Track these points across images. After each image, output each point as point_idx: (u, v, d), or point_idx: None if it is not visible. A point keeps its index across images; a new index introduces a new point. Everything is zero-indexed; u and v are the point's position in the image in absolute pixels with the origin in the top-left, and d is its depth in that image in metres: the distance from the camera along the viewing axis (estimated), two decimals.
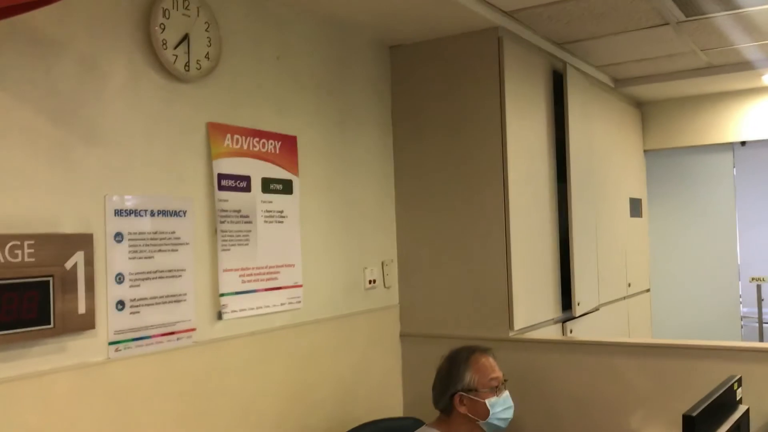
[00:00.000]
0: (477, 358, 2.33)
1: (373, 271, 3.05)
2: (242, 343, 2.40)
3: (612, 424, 2.72)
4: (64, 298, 1.82)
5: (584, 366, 2.80)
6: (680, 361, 2.63)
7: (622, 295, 4.20)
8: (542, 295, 3.22)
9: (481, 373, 2.29)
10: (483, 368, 2.30)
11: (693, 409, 1.70)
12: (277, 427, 2.52)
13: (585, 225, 3.53)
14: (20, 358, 1.77)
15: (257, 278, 2.46)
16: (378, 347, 3.07)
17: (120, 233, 2.01)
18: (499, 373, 2.32)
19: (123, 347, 2.01)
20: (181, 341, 2.18)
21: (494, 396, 2.27)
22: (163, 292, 2.13)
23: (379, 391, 3.05)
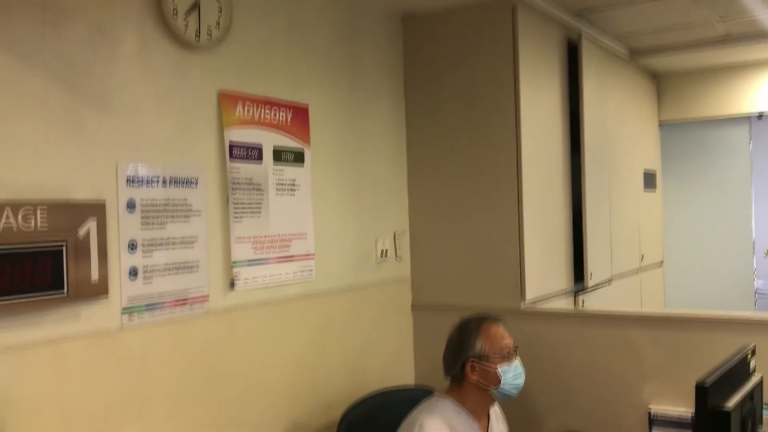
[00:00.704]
0: (488, 326, 2.32)
1: (385, 243, 3.05)
2: (254, 312, 2.41)
3: (624, 396, 2.72)
4: (78, 266, 1.83)
5: (596, 337, 2.79)
6: (693, 333, 2.62)
7: (635, 268, 4.18)
8: (554, 266, 3.21)
9: (492, 341, 2.29)
10: (494, 336, 2.30)
11: (706, 379, 1.69)
12: (289, 396, 2.54)
13: (598, 196, 3.51)
14: (35, 324, 1.78)
15: (269, 248, 2.46)
16: (389, 318, 3.07)
17: (132, 201, 2.02)
18: (509, 341, 2.31)
19: (136, 315, 2.02)
20: (194, 310, 2.19)
21: (506, 363, 2.27)
22: (176, 261, 2.13)
23: (391, 362, 3.07)
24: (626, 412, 2.69)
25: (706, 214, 4.86)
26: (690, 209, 4.90)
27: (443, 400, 2.34)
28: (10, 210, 1.69)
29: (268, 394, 2.45)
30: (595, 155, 3.48)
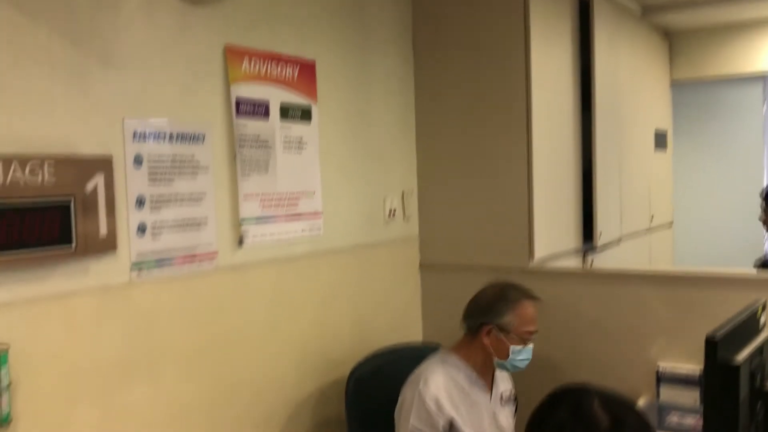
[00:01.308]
0: (524, 305, 2.29)
1: (393, 202, 3.03)
2: (263, 269, 2.41)
3: (632, 354, 2.72)
4: (86, 220, 1.82)
5: (605, 295, 2.79)
6: (702, 290, 2.61)
7: (644, 228, 4.16)
8: (564, 224, 3.19)
9: (521, 321, 2.26)
10: (525, 317, 2.27)
11: (715, 333, 1.68)
12: (298, 353, 2.56)
13: (608, 155, 3.47)
14: (44, 278, 1.78)
15: (277, 205, 2.45)
16: (397, 277, 3.07)
17: (139, 157, 2.00)
18: (534, 327, 2.30)
19: (145, 270, 2.03)
20: (203, 266, 2.19)
21: (521, 345, 2.27)
22: (184, 217, 2.13)
23: (399, 320, 3.08)
24: (634, 370, 2.69)
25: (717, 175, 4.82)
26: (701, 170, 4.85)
27: (449, 356, 2.35)
28: (17, 163, 1.68)
29: (278, 349, 2.47)
30: (606, 114, 3.44)
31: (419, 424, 2.21)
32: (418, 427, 2.20)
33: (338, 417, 2.62)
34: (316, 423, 2.64)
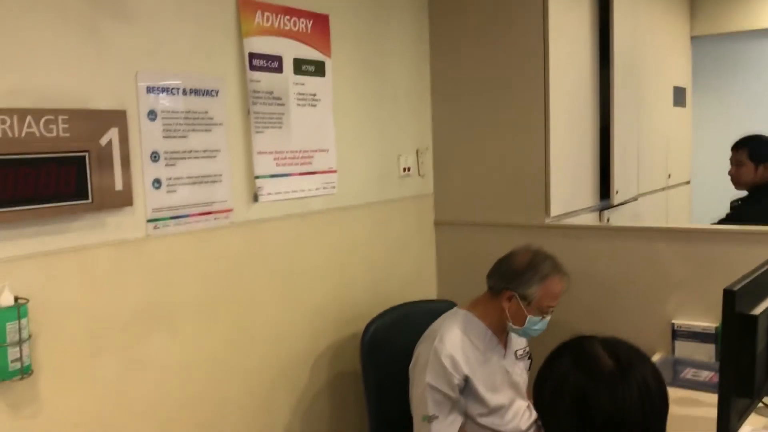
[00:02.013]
0: (554, 282, 2.25)
1: (408, 159, 3.02)
2: (278, 225, 2.42)
3: (648, 309, 2.71)
4: (101, 174, 1.83)
5: (621, 251, 2.78)
6: (719, 246, 2.59)
7: (661, 186, 4.12)
8: (580, 182, 3.16)
9: (546, 296, 2.24)
10: (550, 293, 2.25)
11: (734, 285, 1.67)
12: (313, 308, 2.58)
13: (626, 112, 3.42)
14: (61, 232, 1.80)
15: (291, 162, 2.44)
16: (412, 234, 3.07)
17: (153, 111, 2.00)
18: (557, 303, 2.28)
19: (161, 225, 2.03)
20: (219, 221, 2.20)
21: (538, 317, 2.26)
22: (199, 172, 2.13)
23: (414, 278, 3.08)
24: (650, 325, 2.69)
25: (736, 132, 4.73)
26: (720, 127, 4.78)
27: (465, 314, 2.36)
28: (32, 118, 1.68)
29: (292, 306, 2.49)
30: (625, 70, 3.38)
31: (434, 382, 2.22)
32: (434, 385, 2.22)
33: (354, 371, 2.65)
34: (332, 376, 2.67)
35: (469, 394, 2.26)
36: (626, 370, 1.21)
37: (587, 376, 1.22)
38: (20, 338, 1.63)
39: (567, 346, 1.31)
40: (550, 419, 1.28)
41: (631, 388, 1.19)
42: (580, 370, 1.23)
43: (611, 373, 1.21)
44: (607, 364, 1.22)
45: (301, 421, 2.55)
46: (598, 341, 1.28)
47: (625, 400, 1.18)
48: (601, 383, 1.20)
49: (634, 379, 1.20)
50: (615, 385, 1.19)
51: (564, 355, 1.29)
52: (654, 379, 1.22)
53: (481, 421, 2.27)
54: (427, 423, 2.22)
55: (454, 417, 2.23)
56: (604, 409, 1.18)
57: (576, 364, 1.25)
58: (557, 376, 1.26)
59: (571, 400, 1.22)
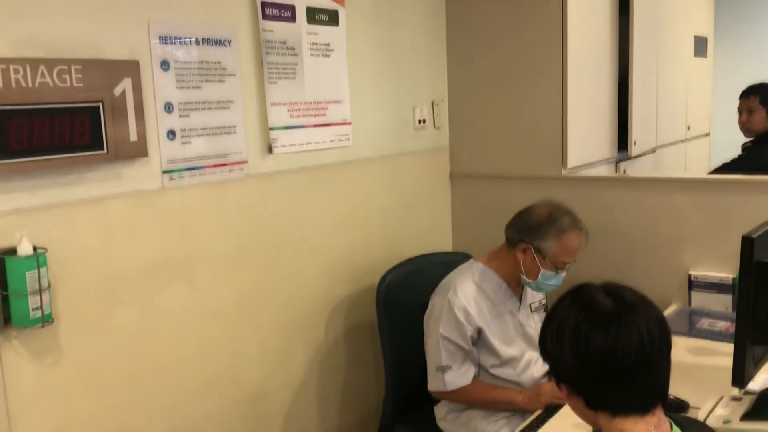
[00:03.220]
0: (570, 236, 2.21)
1: (423, 111, 2.99)
2: (293, 177, 2.42)
3: (665, 260, 2.70)
4: (115, 125, 1.83)
5: (638, 203, 2.75)
6: (737, 196, 2.56)
7: (680, 138, 4.06)
8: (597, 133, 3.12)
9: (562, 251, 2.21)
10: (567, 248, 2.22)
11: (753, 232, 1.65)
12: (330, 259, 2.59)
13: (645, 62, 3.36)
14: (77, 182, 1.81)
15: (305, 113, 2.43)
16: (427, 187, 3.06)
17: (166, 61, 1.98)
18: (573, 258, 2.25)
19: (176, 176, 2.04)
20: (234, 173, 2.20)
21: (552, 272, 2.24)
22: (213, 123, 2.12)
23: (429, 230, 3.08)
24: (666, 276, 2.68)
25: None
26: (741, 79, 4.67)
27: (479, 266, 2.36)
28: (45, 68, 1.68)
29: (308, 258, 2.50)
30: (645, 18, 3.30)
31: (448, 333, 2.23)
32: (447, 336, 2.23)
33: (370, 322, 2.67)
34: (348, 328, 2.70)
35: (482, 346, 2.28)
36: (626, 312, 1.21)
37: (585, 316, 1.22)
38: (40, 287, 1.65)
39: (570, 291, 1.31)
40: (554, 362, 1.28)
41: (630, 329, 1.19)
42: (578, 311, 1.24)
43: (609, 313, 1.21)
44: (605, 305, 1.23)
45: (318, 371, 2.58)
46: (601, 286, 1.28)
47: (622, 340, 1.18)
48: (598, 323, 1.21)
49: (634, 321, 1.20)
50: (611, 325, 1.20)
51: (565, 300, 1.29)
52: (657, 322, 1.22)
53: (495, 372, 2.29)
54: (441, 373, 2.24)
55: (468, 367, 2.25)
56: (601, 348, 1.19)
57: (575, 305, 1.26)
58: (558, 319, 1.27)
59: (569, 340, 1.22)
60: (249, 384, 2.32)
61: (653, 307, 1.25)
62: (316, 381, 2.58)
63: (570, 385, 1.26)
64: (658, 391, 1.24)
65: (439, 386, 2.26)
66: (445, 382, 2.24)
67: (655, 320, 1.22)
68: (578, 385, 1.25)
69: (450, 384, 2.23)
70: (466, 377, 2.25)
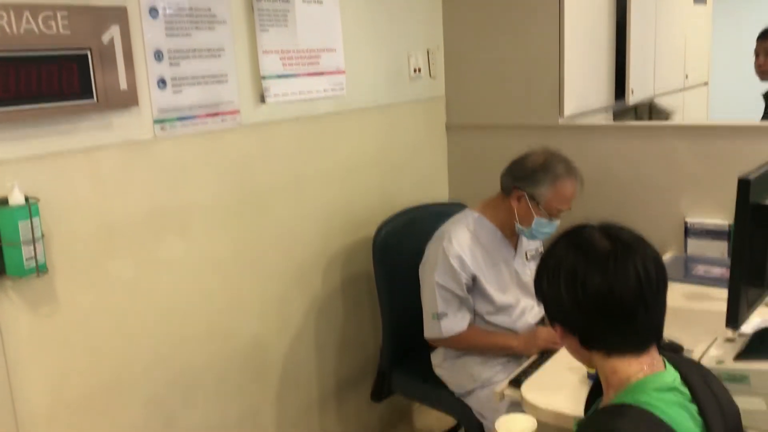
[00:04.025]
0: (565, 183, 2.20)
1: (418, 59, 2.95)
2: (287, 127, 2.39)
3: (661, 208, 2.70)
4: (105, 73, 1.80)
5: (635, 150, 2.74)
6: (733, 142, 2.55)
7: (678, 87, 4.02)
8: (595, 81, 3.09)
9: (555, 197, 2.20)
10: (561, 195, 2.20)
11: (749, 174, 1.64)
12: (326, 211, 2.58)
13: (644, 9, 3.30)
14: (68, 132, 1.79)
15: (298, 62, 2.39)
16: (423, 137, 3.04)
17: (155, 8, 1.94)
18: (568, 206, 2.23)
19: (168, 126, 2.02)
20: (226, 122, 2.18)
21: (546, 219, 2.23)
22: (204, 72, 2.09)
23: (425, 181, 3.07)
24: (663, 223, 2.68)
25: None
26: (741, 27, 4.61)
27: (474, 214, 2.35)
28: (29, 14, 1.64)
29: (303, 209, 2.49)
30: None
31: (443, 281, 2.24)
32: (442, 283, 2.24)
33: (367, 272, 2.68)
34: (345, 278, 2.70)
35: (477, 293, 2.28)
36: (623, 251, 1.20)
37: (581, 257, 1.21)
38: (33, 237, 1.64)
39: (566, 232, 1.30)
40: (549, 303, 1.28)
41: (626, 269, 1.18)
42: (574, 251, 1.23)
43: (605, 253, 1.20)
44: (602, 245, 1.21)
45: (315, 321, 2.60)
46: (597, 227, 1.27)
47: (619, 281, 1.17)
48: (594, 262, 1.19)
49: (631, 261, 1.19)
50: (608, 264, 1.18)
51: (561, 242, 1.28)
52: (653, 262, 1.21)
53: (490, 318, 2.30)
54: (437, 320, 2.26)
55: (463, 314, 2.26)
56: (598, 288, 1.18)
57: (571, 246, 1.24)
58: (554, 261, 1.25)
59: (566, 282, 1.21)
60: (247, 333, 2.34)
61: (650, 247, 1.24)
62: (314, 330, 2.60)
63: (565, 325, 1.26)
64: (653, 330, 1.24)
65: (435, 333, 2.28)
66: (441, 328, 2.25)
67: (651, 260, 1.21)
68: (573, 326, 1.25)
69: (446, 330, 2.25)
70: (462, 324, 2.26)
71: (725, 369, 1.47)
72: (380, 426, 3.01)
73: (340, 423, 2.79)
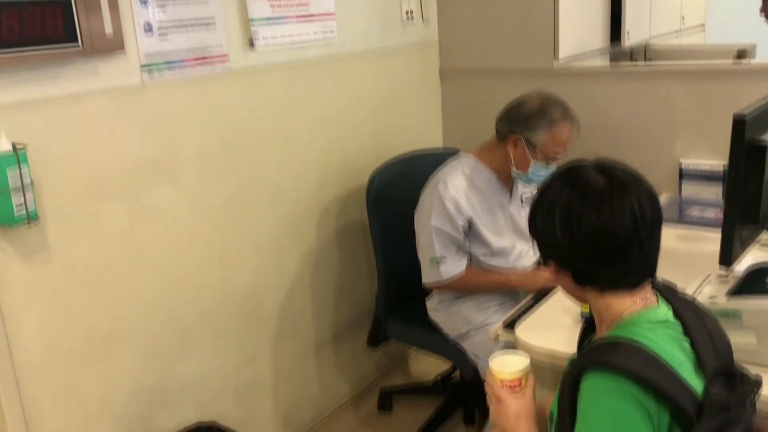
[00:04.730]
0: (561, 128, 2.17)
1: (410, 2, 2.89)
2: (276, 73, 2.36)
3: (656, 151, 2.69)
4: (89, 18, 1.75)
5: (631, 94, 2.71)
6: (730, 84, 2.52)
7: (674, 29, 3.96)
8: (590, 23, 3.04)
9: (552, 141, 2.18)
10: (557, 139, 2.18)
11: (745, 111, 1.62)
12: (319, 159, 2.57)
13: None
14: (54, 78, 1.75)
15: (287, 5, 2.34)
16: (416, 84, 3.00)
17: None
18: (563, 149, 2.21)
19: (156, 71, 1.98)
20: (215, 68, 2.14)
21: (542, 163, 2.21)
22: (191, 16, 2.05)
23: (419, 128, 3.04)
24: (657, 166, 2.66)
25: None
26: None
27: (469, 159, 2.34)
28: None
29: (296, 156, 2.47)
30: None
31: (440, 224, 2.24)
32: (439, 227, 2.24)
33: (361, 220, 2.68)
34: (340, 227, 2.70)
35: (473, 237, 2.29)
36: (618, 189, 1.18)
37: (576, 195, 1.20)
38: (22, 184, 1.63)
39: (562, 169, 1.29)
40: (543, 240, 1.27)
41: (622, 206, 1.17)
42: (569, 189, 1.21)
43: (601, 190, 1.19)
44: (597, 183, 1.20)
45: (311, 270, 2.61)
46: (592, 164, 1.25)
47: (614, 219, 1.16)
48: (590, 200, 1.18)
49: (626, 198, 1.17)
50: (603, 202, 1.17)
51: (557, 178, 1.26)
52: (649, 200, 1.20)
53: (486, 261, 2.31)
54: (436, 264, 2.26)
55: (461, 256, 2.27)
56: (592, 226, 1.17)
57: (566, 184, 1.23)
58: (548, 199, 1.24)
59: (561, 219, 1.20)
60: (241, 283, 2.34)
61: (645, 184, 1.23)
62: (309, 279, 2.61)
63: (558, 263, 1.26)
64: (647, 268, 1.24)
65: (434, 277, 2.29)
66: (440, 272, 2.26)
67: (647, 197, 1.20)
68: (567, 263, 1.25)
69: (446, 273, 2.26)
70: (460, 266, 2.27)
71: (718, 306, 1.48)
72: (376, 372, 3.05)
73: (336, 369, 2.82)
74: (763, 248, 2.04)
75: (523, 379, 1.39)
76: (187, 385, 2.20)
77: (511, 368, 1.39)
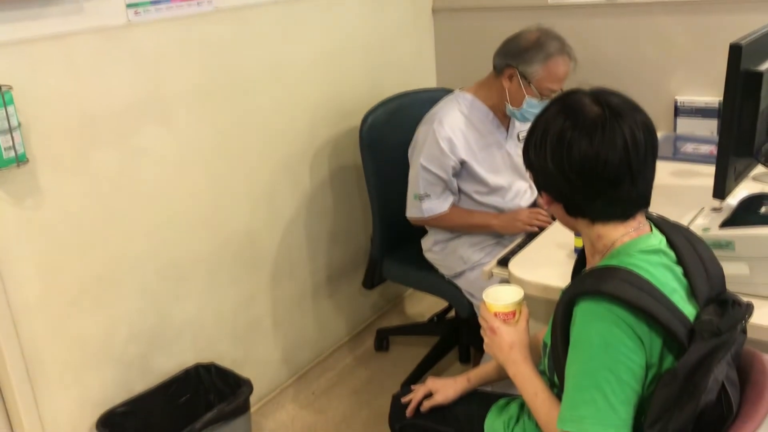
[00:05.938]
0: (557, 62, 2.14)
1: None
2: (266, 11, 2.31)
3: (651, 87, 2.66)
4: None
5: (625, 29, 2.66)
6: (727, 17, 2.47)
7: None
8: None
9: (547, 76, 2.14)
10: (553, 74, 2.14)
11: (741, 39, 1.60)
12: (311, 100, 2.54)
13: None
14: (37, 18, 1.71)
15: None
16: (408, 21, 2.95)
17: None
18: (559, 86, 2.17)
19: (142, 10, 1.94)
20: (202, 6, 2.09)
21: (536, 99, 2.17)
22: None
23: (412, 67, 3.00)
24: (652, 103, 2.62)
25: None
26: None
27: (467, 96, 2.31)
28: None
29: (287, 97, 2.44)
30: None
31: (428, 163, 2.23)
32: (427, 166, 2.23)
33: (355, 161, 2.66)
34: (333, 168, 2.69)
35: (468, 176, 2.28)
36: (612, 117, 1.16)
37: (569, 122, 1.18)
38: (9, 126, 1.60)
39: (557, 97, 1.27)
40: (535, 169, 1.26)
41: (614, 134, 1.15)
42: (563, 117, 1.20)
43: (594, 118, 1.17)
44: (591, 111, 1.18)
45: (305, 211, 2.60)
46: (587, 92, 1.23)
47: (606, 147, 1.15)
48: (582, 128, 1.17)
49: (619, 127, 1.16)
50: (596, 130, 1.16)
51: (552, 106, 1.25)
52: (643, 129, 1.18)
53: (481, 199, 2.30)
54: (419, 201, 2.27)
55: (446, 196, 2.28)
56: (584, 154, 1.16)
57: (561, 112, 1.21)
58: (542, 126, 1.23)
59: (552, 147, 1.19)
60: (236, 224, 2.34)
61: (641, 113, 1.21)
62: (304, 221, 2.61)
63: (550, 192, 1.26)
64: (640, 199, 1.23)
65: (416, 213, 2.30)
66: (422, 209, 2.27)
67: (641, 126, 1.19)
68: (559, 193, 1.24)
69: (428, 211, 2.27)
70: (443, 206, 2.27)
71: (711, 236, 1.48)
72: (373, 313, 3.08)
73: (333, 311, 2.84)
74: (757, 181, 2.04)
75: (517, 311, 1.40)
76: (185, 327, 2.22)
77: (505, 300, 1.39)
